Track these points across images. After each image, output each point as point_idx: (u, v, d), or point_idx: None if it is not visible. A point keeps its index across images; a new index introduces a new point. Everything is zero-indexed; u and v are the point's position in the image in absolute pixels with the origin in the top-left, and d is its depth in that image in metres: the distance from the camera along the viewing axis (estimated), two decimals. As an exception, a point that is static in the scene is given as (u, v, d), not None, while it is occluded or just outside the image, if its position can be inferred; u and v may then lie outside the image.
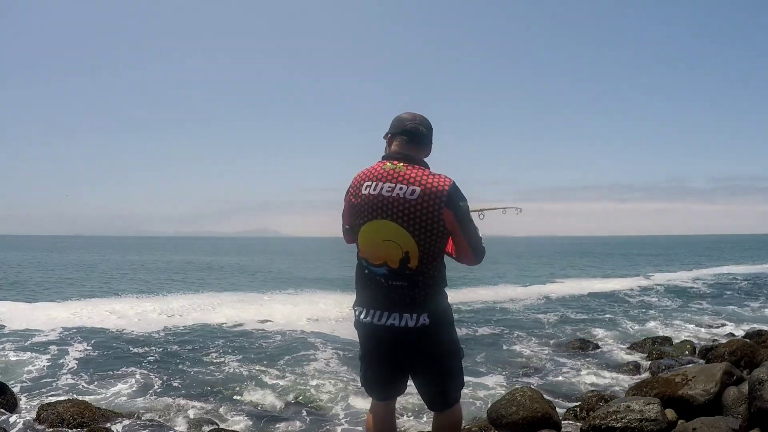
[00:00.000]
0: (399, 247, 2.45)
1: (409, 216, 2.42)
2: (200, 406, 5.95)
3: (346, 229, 2.75)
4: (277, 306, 14.45)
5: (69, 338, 9.90)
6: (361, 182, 2.56)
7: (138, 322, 11.75)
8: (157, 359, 8.37)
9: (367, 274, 2.58)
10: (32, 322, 11.49)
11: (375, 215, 2.48)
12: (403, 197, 2.43)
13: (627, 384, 6.49)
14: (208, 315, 12.91)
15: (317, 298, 16.34)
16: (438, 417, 2.78)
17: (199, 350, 9.10)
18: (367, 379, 2.77)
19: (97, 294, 18.38)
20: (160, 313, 13.10)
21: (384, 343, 2.59)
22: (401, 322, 2.49)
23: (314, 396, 6.44)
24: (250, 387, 6.80)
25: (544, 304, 15.13)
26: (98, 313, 12.97)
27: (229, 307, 14.27)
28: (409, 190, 2.43)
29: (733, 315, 12.75)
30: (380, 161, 2.61)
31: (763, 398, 4.30)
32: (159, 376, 7.29)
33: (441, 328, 2.57)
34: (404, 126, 2.62)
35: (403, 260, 2.46)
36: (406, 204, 2.42)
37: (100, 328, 11.07)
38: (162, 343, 9.62)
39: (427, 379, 2.67)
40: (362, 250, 2.59)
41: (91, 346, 9.19)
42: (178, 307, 14.01)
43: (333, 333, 10.49)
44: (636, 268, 32.53)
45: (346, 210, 2.66)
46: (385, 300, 2.52)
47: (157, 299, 16.30)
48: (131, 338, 10.10)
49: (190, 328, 11.31)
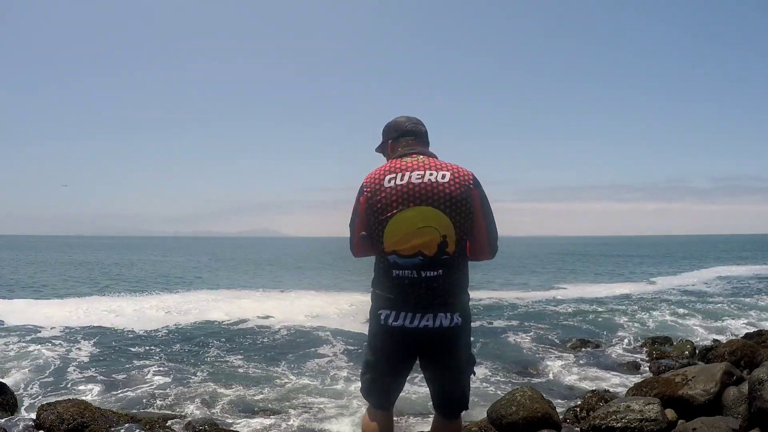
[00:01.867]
0: (437, 232, 2.42)
1: (445, 198, 2.43)
2: (202, 406, 5.95)
3: (361, 237, 2.59)
4: (276, 302, 14.51)
5: (68, 336, 9.89)
6: (380, 178, 2.50)
7: (137, 321, 11.73)
8: (157, 358, 8.37)
9: (396, 273, 2.47)
10: (30, 319, 11.46)
11: (407, 203, 2.44)
12: (435, 181, 2.45)
13: (627, 384, 6.48)
14: (206, 312, 12.87)
15: (317, 296, 16.36)
16: (444, 423, 2.71)
17: (198, 348, 9.13)
18: (373, 387, 2.67)
19: (95, 292, 18.37)
20: (158, 310, 13.10)
21: (411, 348, 2.51)
22: (435, 323, 2.43)
23: (318, 392, 6.45)
24: (252, 385, 6.79)
25: (543, 305, 15.10)
26: (96, 311, 12.96)
27: (228, 303, 14.30)
28: (440, 174, 2.47)
29: (734, 315, 12.74)
30: (393, 160, 2.58)
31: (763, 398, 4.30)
32: (160, 374, 7.29)
33: (468, 329, 2.58)
34: (405, 128, 2.66)
35: (441, 245, 2.43)
36: (440, 187, 2.44)
37: (98, 326, 11.05)
38: (162, 342, 9.64)
39: (448, 381, 2.62)
40: (392, 243, 2.46)
41: (91, 345, 9.20)
42: (175, 305, 14.02)
43: (336, 328, 10.55)
44: (636, 268, 32.52)
45: (362, 213, 2.55)
46: (417, 300, 2.44)
47: (154, 297, 16.33)
48: (131, 336, 10.10)
49: (191, 325, 11.32)
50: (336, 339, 9.56)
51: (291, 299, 15.53)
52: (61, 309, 13.26)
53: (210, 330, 10.81)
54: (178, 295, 16.80)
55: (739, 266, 32.16)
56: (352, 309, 13.01)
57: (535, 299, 16.51)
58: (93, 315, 12.38)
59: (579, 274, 28.42)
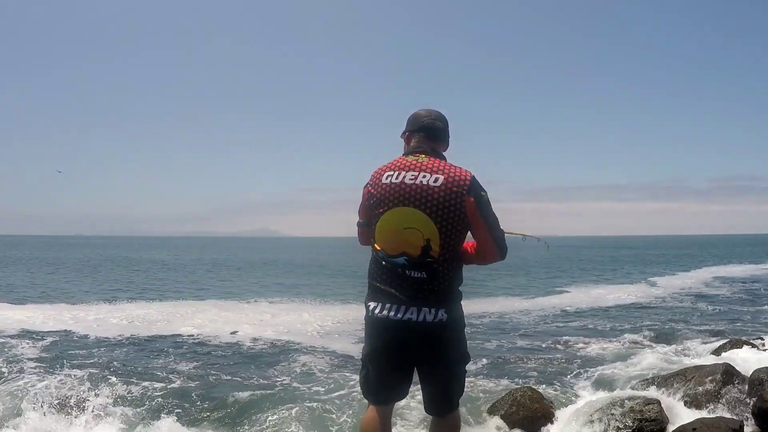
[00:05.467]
0: (421, 234, 2.44)
1: (433, 202, 2.43)
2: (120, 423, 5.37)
3: (361, 225, 2.72)
4: (253, 315, 13.10)
5: (9, 341, 9.34)
6: (381, 173, 2.57)
7: (96, 328, 11.00)
8: (91, 370, 7.41)
9: (384, 266, 2.53)
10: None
11: (397, 203, 2.48)
12: (426, 184, 2.45)
13: (627, 384, 6.47)
14: (173, 324, 11.68)
15: (301, 307, 14.94)
16: (437, 422, 2.71)
17: (147, 361, 8.19)
18: (369, 380, 2.67)
19: (62, 297, 17.09)
20: (122, 320, 12.18)
21: (397, 339, 2.52)
22: (419, 317, 2.45)
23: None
24: (193, 405, 6.07)
25: (543, 306, 15.11)
26: (57, 317, 12.17)
27: (201, 315, 13.02)
28: (433, 177, 2.46)
29: (734, 315, 12.74)
30: (401, 156, 2.63)
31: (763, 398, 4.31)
32: (84, 385, 6.40)
33: (456, 328, 2.56)
34: (421, 122, 2.65)
35: (425, 248, 2.44)
36: (430, 191, 2.44)
37: (48, 331, 10.47)
38: (105, 352, 8.83)
39: (434, 380, 2.62)
40: (380, 240, 2.54)
41: (27, 350, 8.68)
42: (143, 314, 12.90)
43: (305, 349, 9.20)
44: (636, 268, 32.53)
45: (363, 203, 2.65)
46: (403, 293, 2.47)
47: (127, 305, 15.18)
48: (78, 344, 9.51)
49: (146, 337, 10.25)
50: (303, 359, 8.35)
51: (271, 311, 14.04)
52: (22, 313, 12.63)
53: (168, 343, 9.75)
54: (153, 304, 15.37)
55: (740, 266, 32.18)
56: (334, 326, 11.60)
57: (534, 300, 16.50)
58: (50, 321, 11.63)
59: (579, 274, 28.42)
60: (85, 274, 28.46)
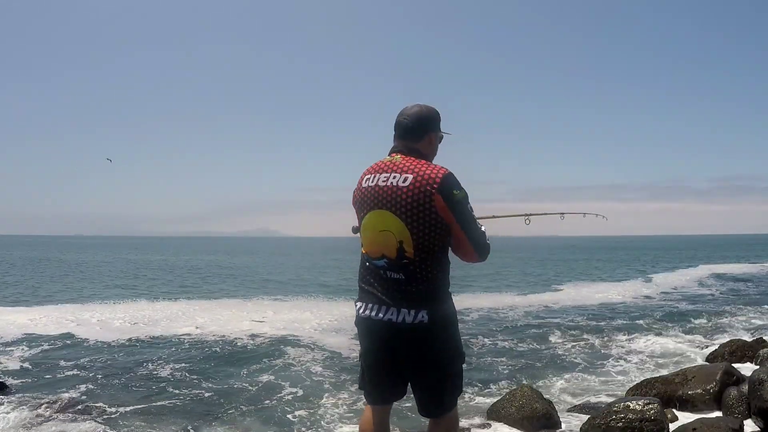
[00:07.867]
0: (394, 237, 2.42)
1: (401, 203, 2.39)
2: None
3: (354, 230, 2.73)
4: (255, 314, 13.09)
5: (9, 345, 9.26)
6: (363, 176, 2.59)
7: (98, 330, 10.88)
8: (96, 375, 7.40)
9: (368, 267, 2.54)
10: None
11: (372, 206, 2.48)
12: (395, 185, 2.42)
13: (627, 384, 6.48)
14: (174, 325, 11.53)
15: (302, 306, 14.99)
16: (432, 424, 2.68)
17: (154, 364, 8.04)
18: (361, 380, 2.69)
19: (65, 299, 16.92)
20: (124, 322, 12.07)
21: (382, 340, 2.50)
22: (398, 317, 2.41)
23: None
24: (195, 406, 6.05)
25: (543, 306, 15.11)
26: (60, 319, 12.07)
27: (203, 314, 13.02)
28: (402, 177, 2.42)
29: (734, 316, 12.73)
30: (383, 159, 2.63)
31: (763, 398, 4.31)
32: (90, 393, 6.48)
33: (441, 328, 2.46)
34: (396, 121, 2.62)
35: (399, 250, 2.42)
36: (398, 191, 2.40)
37: (51, 335, 10.26)
38: (110, 356, 8.70)
39: (421, 383, 2.56)
40: (364, 243, 2.56)
41: (31, 355, 8.59)
42: (147, 314, 12.87)
43: (306, 347, 9.21)
44: (636, 268, 32.54)
45: (353, 206, 2.67)
46: (384, 294, 2.46)
47: (130, 305, 15.17)
48: (82, 347, 9.36)
49: (150, 338, 10.13)
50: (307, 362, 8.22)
51: (272, 309, 14.11)
52: (25, 316, 12.56)
53: (166, 345, 9.60)
54: (157, 304, 15.39)
55: (740, 265, 32.22)
56: (333, 323, 11.61)
57: (533, 300, 16.52)
58: (53, 324, 11.48)
59: (578, 274, 28.44)
60: (85, 275, 28.51)
